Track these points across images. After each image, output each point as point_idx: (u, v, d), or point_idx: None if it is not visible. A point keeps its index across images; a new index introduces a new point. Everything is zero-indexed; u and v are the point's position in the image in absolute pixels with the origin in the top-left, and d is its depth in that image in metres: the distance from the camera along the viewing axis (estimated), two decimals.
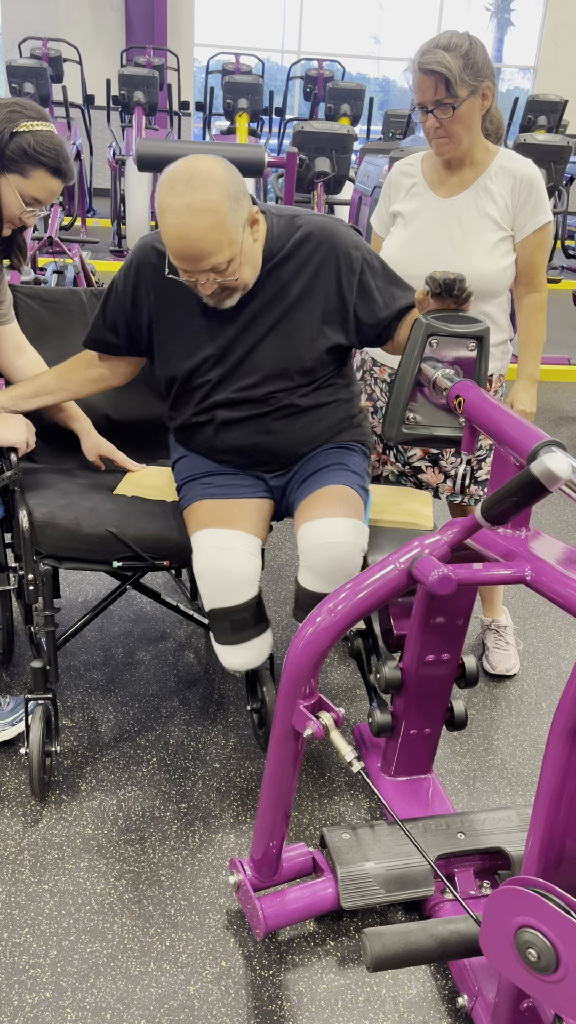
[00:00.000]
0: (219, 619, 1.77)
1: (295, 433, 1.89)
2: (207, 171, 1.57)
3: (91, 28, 9.93)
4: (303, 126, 4.75)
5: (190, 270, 1.62)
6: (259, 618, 1.80)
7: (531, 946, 1.07)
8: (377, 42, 12.37)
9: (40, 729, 1.84)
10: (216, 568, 1.73)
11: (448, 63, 1.85)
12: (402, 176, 2.12)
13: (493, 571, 1.28)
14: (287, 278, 1.78)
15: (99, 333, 1.90)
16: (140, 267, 1.80)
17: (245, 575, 1.74)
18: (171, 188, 1.57)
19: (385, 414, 1.68)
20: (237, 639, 1.79)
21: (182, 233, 1.56)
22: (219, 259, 1.60)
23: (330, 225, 1.80)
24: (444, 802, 1.85)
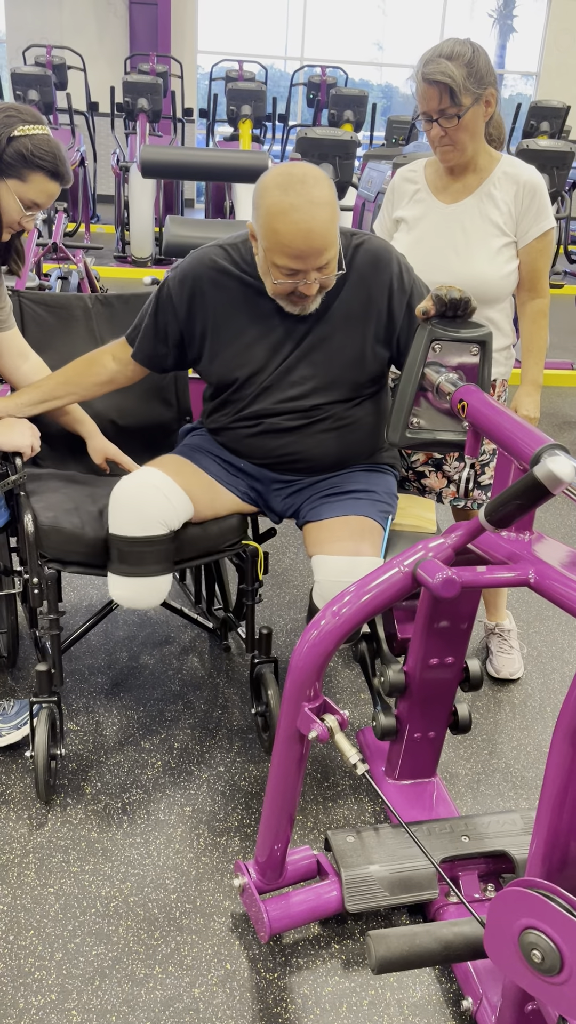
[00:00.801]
0: (113, 545, 1.80)
1: (334, 446, 1.90)
2: (314, 171, 1.64)
3: (95, 35, 9.98)
4: (306, 132, 4.77)
5: (305, 268, 1.65)
6: (155, 560, 1.80)
7: (535, 948, 1.07)
8: (380, 48, 12.41)
9: (45, 732, 1.85)
10: (127, 495, 1.77)
11: (452, 73, 1.86)
12: (405, 182, 2.13)
13: (497, 574, 1.29)
14: (345, 293, 1.81)
15: (151, 346, 1.91)
16: (197, 279, 1.83)
17: (152, 513, 1.77)
18: (287, 188, 1.61)
19: (389, 419, 1.69)
20: (123, 571, 1.80)
21: (309, 227, 1.60)
22: (332, 253, 1.66)
23: (388, 249, 1.84)
24: (448, 805, 1.85)
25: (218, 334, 1.85)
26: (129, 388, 2.22)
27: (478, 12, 11.87)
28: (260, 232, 1.66)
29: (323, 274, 1.68)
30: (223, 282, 1.82)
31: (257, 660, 2.07)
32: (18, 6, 9.83)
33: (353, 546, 1.77)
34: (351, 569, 1.75)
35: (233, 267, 1.82)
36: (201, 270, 1.83)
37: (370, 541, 1.79)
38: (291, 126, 8.50)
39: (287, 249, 1.63)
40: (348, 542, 1.78)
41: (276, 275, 1.68)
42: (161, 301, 1.87)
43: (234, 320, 1.83)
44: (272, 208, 1.62)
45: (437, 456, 2.21)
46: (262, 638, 2.05)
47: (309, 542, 1.86)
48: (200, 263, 1.83)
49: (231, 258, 1.83)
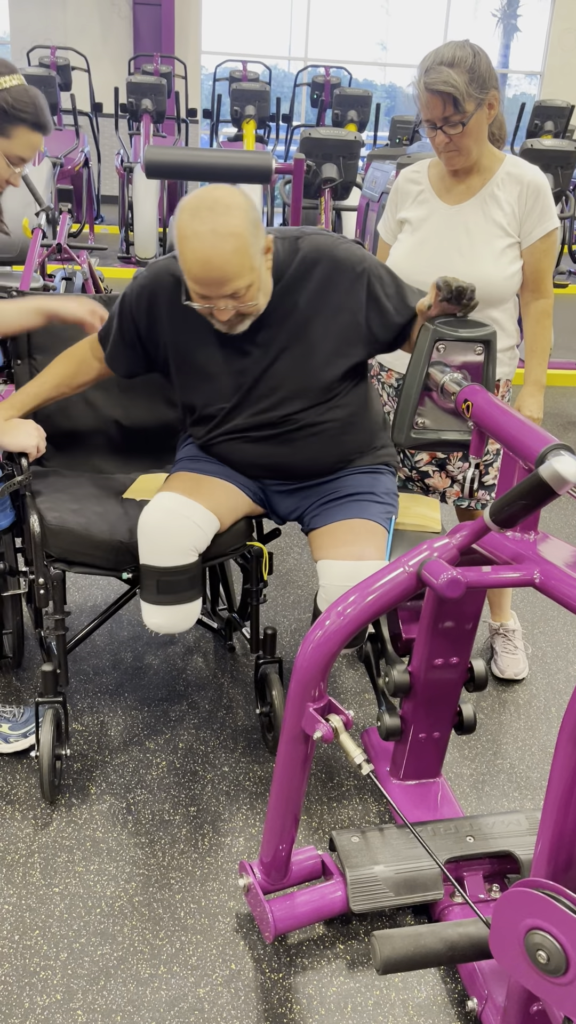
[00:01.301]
0: (147, 576, 1.79)
1: (312, 451, 1.89)
2: (228, 198, 1.60)
3: (99, 37, 9.99)
4: (310, 132, 4.77)
5: (210, 295, 1.63)
6: (189, 586, 1.81)
7: (541, 948, 1.07)
8: (384, 48, 12.41)
9: (50, 733, 1.85)
10: (158, 527, 1.76)
11: (455, 81, 1.85)
12: (409, 183, 2.13)
13: (502, 574, 1.29)
14: (296, 299, 1.79)
15: (120, 352, 1.90)
16: (156, 291, 1.81)
17: (185, 543, 1.76)
18: (194, 214, 1.59)
19: (394, 419, 1.69)
20: (159, 600, 1.80)
21: (207, 256, 1.57)
22: (240, 284, 1.61)
23: (331, 243, 1.79)
24: (453, 806, 1.85)
25: (178, 349, 1.83)
26: (133, 389, 2.23)
27: (482, 12, 11.86)
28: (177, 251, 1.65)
29: (237, 301, 1.65)
30: (179, 296, 1.79)
31: (261, 660, 2.07)
32: (22, 7, 9.85)
33: (357, 550, 1.77)
34: (355, 573, 1.75)
35: None
36: (159, 284, 1.80)
37: (374, 544, 1.79)
38: (295, 126, 8.49)
39: (190, 273, 1.61)
40: (352, 546, 1.78)
41: (192, 296, 1.67)
42: (123, 314, 1.85)
43: (192, 337, 1.81)
44: (180, 232, 1.60)
45: (441, 456, 2.21)
46: (266, 638, 2.05)
47: (314, 548, 1.86)
48: (157, 276, 1.80)
49: None
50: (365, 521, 1.83)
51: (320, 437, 1.88)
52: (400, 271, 2.08)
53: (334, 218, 6.07)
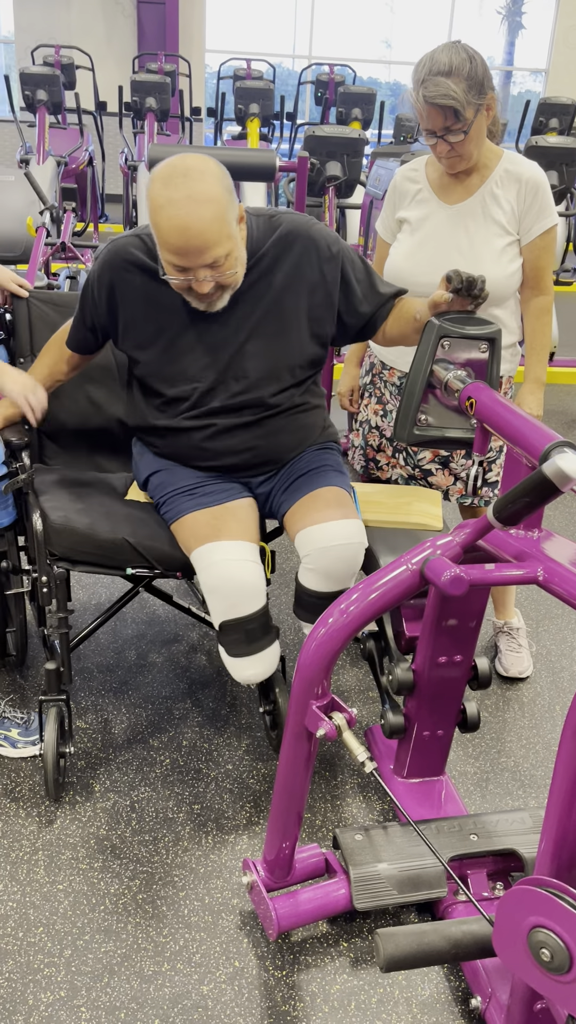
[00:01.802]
0: (233, 631, 1.76)
1: (287, 436, 1.90)
2: (201, 165, 1.57)
3: (103, 35, 9.99)
4: (314, 130, 4.76)
5: (189, 265, 1.59)
6: (270, 626, 1.80)
7: (544, 946, 1.07)
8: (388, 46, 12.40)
9: (54, 731, 1.85)
10: (229, 580, 1.72)
11: (454, 93, 1.82)
12: (407, 182, 2.12)
13: (505, 572, 1.28)
14: (270, 277, 1.77)
15: (80, 334, 1.89)
16: (115, 270, 1.77)
17: (256, 584, 1.74)
18: (168, 182, 1.55)
19: (397, 416, 1.69)
20: (251, 650, 1.78)
21: (185, 224, 1.53)
22: (219, 251, 1.58)
23: (307, 222, 1.79)
24: (457, 804, 1.85)
25: (140, 329, 1.80)
26: None
27: (487, 9, 11.84)
28: (151, 225, 1.61)
29: (216, 271, 1.61)
30: (139, 275, 1.76)
31: None
32: (27, 6, 9.85)
33: (336, 512, 1.77)
34: (343, 532, 1.75)
35: (150, 258, 1.75)
36: (117, 262, 1.76)
37: (348, 506, 1.81)
38: (299, 124, 8.48)
39: (166, 244, 1.58)
40: (328, 510, 1.78)
41: (168, 270, 1.63)
42: (85, 294, 1.83)
43: (157, 314, 1.77)
44: (153, 202, 1.56)
45: (444, 454, 2.21)
46: None
47: (289, 526, 1.86)
48: (116, 255, 1.77)
49: (147, 248, 1.75)
50: (333, 488, 1.84)
51: (295, 421, 1.89)
52: (400, 271, 2.08)
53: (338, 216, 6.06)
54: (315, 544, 1.76)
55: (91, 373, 2.20)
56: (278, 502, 1.92)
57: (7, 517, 1.96)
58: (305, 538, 1.78)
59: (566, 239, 5.80)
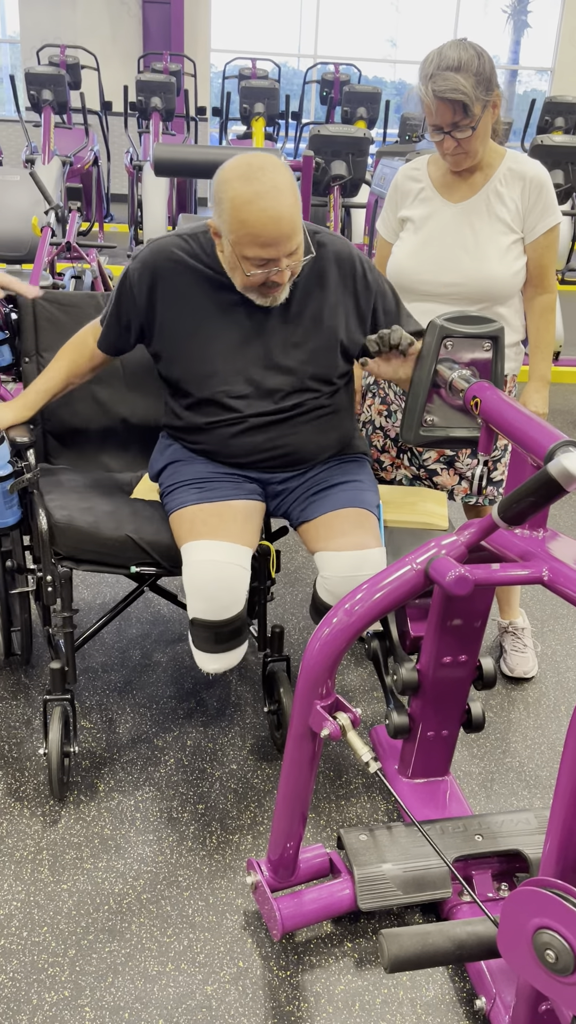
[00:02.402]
0: (203, 629, 1.76)
1: (316, 435, 1.90)
2: (271, 159, 1.64)
3: (109, 35, 9.99)
4: (319, 130, 4.76)
5: (275, 256, 1.64)
6: (242, 628, 1.80)
7: (549, 947, 1.07)
8: (393, 45, 12.37)
9: (59, 730, 1.85)
10: (212, 582, 1.72)
11: (464, 88, 1.84)
12: (409, 181, 2.11)
13: (510, 571, 1.28)
14: (309, 289, 1.81)
15: (115, 336, 1.90)
16: (158, 269, 1.80)
17: (237, 591, 1.74)
18: (248, 177, 1.60)
19: (403, 417, 1.68)
20: (217, 649, 1.79)
21: (276, 214, 1.59)
22: (298, 239, 1.65)
23: (348, 246, 1.86)
24: (461, 804, 1.84)
25: (180, 327, 1.82)
26: (141, 387, 2.22)
27: (492, 8, 11.81)
28: (226, 226, 1.64)
29: (292, 260, 1.68)
30: (184, 274, 1.80)
31: (269, 658, 2.06)
32: (32, 6, 9.86)
33: (357, 540, 1.77)
34: (359, 563, 1.75)
35: (193, 259, 1.79)
36: (161, 261, 1.80)
37: (371, 532, 1.80)
38: (304, 123, 8.47)
39: (257, 238, 1.61)
40: (350, 536, 1.78)
41: (247, 267, 1.66)
42: (123, 291, 1.84)
43: (195, 314, 1.81)
44: (237, 199, 1.60)
45: (449, 453, 2.20)
46: (274, 636, 2.05)
47: (309, 540, 1.86)
48: (160, 253, 1.80)
49: (191, 250, 1.80)
50: (358, 510, 1.84)
51: (323, 420, 1.90)
52: (404, 270, 2.08)
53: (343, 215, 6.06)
54: (334, 571, 1.77)
55: (97, 374, 2.20)
56: (299, 506, 1.92)
57: (12, 516, 1.96)
58: (324, 561, 1.79)
59: (571, 238, 5.78)
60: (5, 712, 2.17)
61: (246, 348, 1.82)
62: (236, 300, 1.79)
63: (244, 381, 1.84)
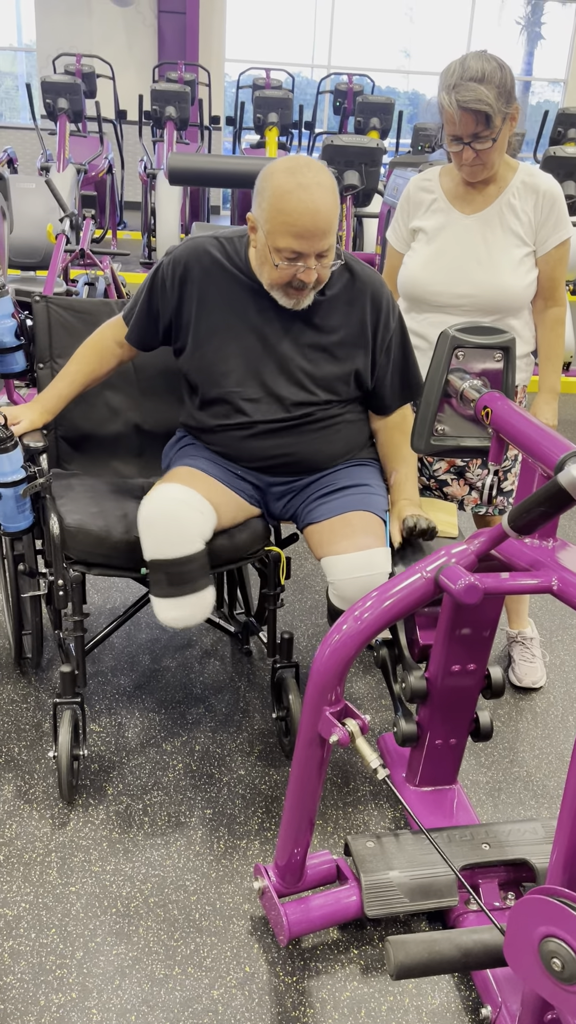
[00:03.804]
0: (156, 570, 1.77)
1: (324, 445, 1.92)
2: (320, 164, 1.70)
3: (124, 44, 10.07)
4: (332, 140, 4.79)
5: (307, 251, 1.68)
6: (201, 574, 1.79)
7: (556, 956, 1.07)
8: (407, 56, 12.42)
9: (68, 733, 1.86)
10: (161, 517, 1.74)
11: (487, 99, 1.84)
12: (421, 192, 2.12)
13: (520, 581, 1.29)
14: (336, 308, 1.85)
15: (144, 328, 1.93)
16: (190, 266, 1.84)
17: (190, 530, 1.75)
18: (294, 171, 1.66)
19: (413, 427, 1.70)
20: (172, 592, 1.77)
21: (317, 207, 1.64)
22: (332, 240, 1.70)
23: (380, 283, 1.90)
24: (469, 813, 1.85)
25: (203, 324, 1.86)
26: (153, 393, 2.24)
27: (506, 19, 11.85)
28: (264, 215, 1.69)
29: (321, 263, 1.71)
30: (215, 274, 1.84)
31: (278, 665, 2.07)
32: (48, 15, 9.95)
33: (361, 541, 1.79)
34: (365, 563, 1.77)
35: (227, 261, 1.84)
36: (194, 258, 1.84)
37: (374, 534, 1.82)
38: (317, 133, 8.51)
39: (293, 228, 1.65)
40: (354, 538, 1.80)
41: (277, 259, 1.70)
42: (155, 284, 1.88)
43: (220, 313, 1.85)
44: (279, 189, 1.65)
45: (460, 463, 2.21)
46: (283, 642, 2.06)
47: (314, 544, 1.88)
48: (194, 251, 1.85)
49: (225, 252, 1.85)
50: (363, 513, 1.86)
51: (331, 430, 1.92)
52: (417, 281, 2.09)
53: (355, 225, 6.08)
54: (339, 574, 1.79)
55: (110, 379, 2.22)
56: (306, 508, 1.94)
57: (25, 521, 1.98)
58: (330, 565, 1.81)
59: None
60: (15, 715, 2.18)
61: (264, 353, 1.85)
62: (262, 306, 1.83)
63: (257, 385, 1.86)
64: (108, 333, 1.98)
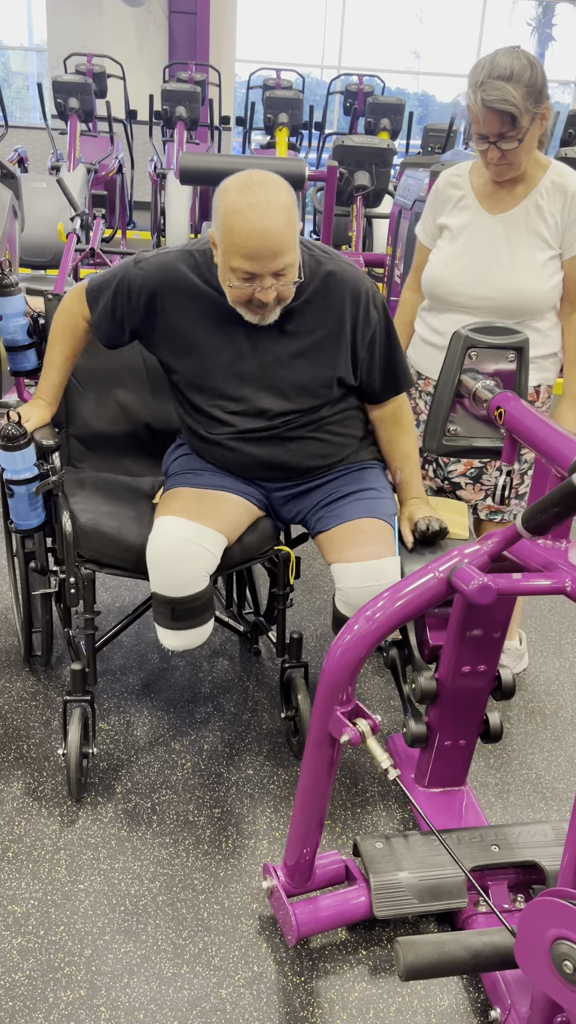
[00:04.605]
0: (162, 604, 1.79)
1: (311, 447, 1.92)
2: (273, 177, 1.65)
3: (135, 45, 10.09)
4: (343, 140, 4.79)
5: (259, 271, 1.64)
6: (203, 609, 1.81)
7: (567, 958, 1.07)
8: (417, 57, 12.41)
9: (77, 731, 1.87)
10: (169, 557, 1.74)
11: (514, 99, 1.79)
12: (450, 187, 2.09)
13: (533, 581, 1.28)
14: (311, 311, 1.82)
15: (107, 326, 1.89)
16: (159, 280, 1.80)
17: (198, 571, 1.76)
18: (244, 189, 1.61)
19: (426, 427, 1.69)
20: (176, 626, 1.80)
21: (265, 228, 1.60)
22: (289, 259, 1.65)
23: (359, 276, 1.85)
24: (478, 814, 1.84)
25: (177, 341, 1.84)
26: (165, 393, 2.24)
27: (517, 21, 11.84)
28: (218, 234, 1.66)
29: (280, 281, 1.67)
30: (185, 292, 1.80)
31: (287, 664, 2.07)
32: (60, 15, 9.98)
33: (370, 550, 1.79)
34: (373, 573, 1.77)
35: (197, 276, 1.80)
36: (163, 274, 1.80)
37: (384, 542, 1.81)
38: (327, 134, 8.51)
39: (242, 249, 1.62)
40: (364, 547, 1.79)
41: (232, 279, 1.67)
42: (119, 292, 1.83)
43: (193, 329, 1.82)
44: (229, 208, 1.61)
45: (477, 464, 2.19)
46: (292, 643, 2.06)
47: (325, 551, 1.88)
48: (163, 269, 1.80)
49: (196, 266, 1.80)
50: (372, 520, 1.85)
51: (321, 432, 1.91)
52: (439, 279, 2.07)
53: (365, 225, 6.08)
54: (349, 581, 1.79)
55: (121, 378, 2.22)
56: (315, 515, 1.94)
57: (37, 518, 1.98)
58: (339, 572, 1.81)
59: None
60: (25, 712, 2.18)
61: (240, 366, 1.83)
62: (235, 319, 1.79)
63: (237, 399, 1.86)
64: (76, 311, 1.93)
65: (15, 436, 1.82)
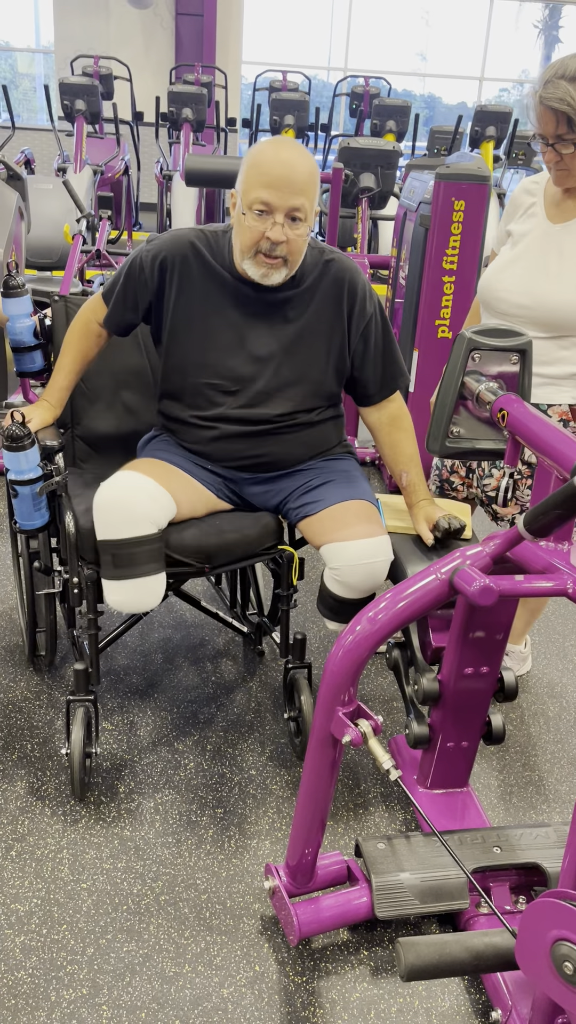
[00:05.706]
0: (104, 551, 1.78)
1: (293, 448, 1.96)
2: (299, 144, 1.74)
3: (141, 47, 10.12)
4: (348, 142, 4.79)
5: (277, 204, 1.69)
6: (148, 559, 1.78)
7: (568, 959, 1.07)
8: (423, 59, 12.42)
9: (81, 731, 1.87)
10: (113, 499, 1.76)
11: (571, 99, 1.73)
12: (524, 194, 2.04)
13: (535, 583, 1.29)
14: (311, 298, 1.86)
15: (119, 315, 1.93)
16: (171, 252, 1.85)
17: (139, 513, 1.76)
18: (276, 141, 1.72)
19: (429, 428, 1.70)
20: (116, 575, 1.78)
21: (291, 159, 1.68)
22: (306, 200, 1.71)
23: (355, 269, 1.90)
24: (480, 816, 1.84)
25: (181, 314, 1.87)
26: None
27: (523, 23, 11.83)
28: (241, 181, 1.72)
29: (294, 227, 1.72)
30: (196, 264, 1.85)
31: (291, 665, 2.08)
32: (67, 17, 10.01)
33: (364, 529, 1.81)
34: (371, 551, 1.79)
35: (208, 253, 1.85)
36: (176, 248, 1.85)
37: (375, 522, 1.84)
38: (333, 136, 8.52)
39: (265, 177, 1.68)
40: (358, 526, 1.82)
41: (248, 217, 1.72)
42: (131, 272, 1.88)
43: (199, 303, 1.86)
44: (257, 153, 1.71)
45: (477, 470, 2.19)
46: (296, 643, 2.06)
47: (314, 534, 1.88)
48: (176, 241, 1.86)
49: (208, 244, 1.86)
50: (360, 501, 1.88)
51: (300, 434, 1.95)
52: (490, 284, 2.02)
53: (371, 227, 6.08)
54: (344, 560, 1.80)
55: (126, 379, 2.23)
56: (295, 503, 1.96)
57: (41, 519, 1.99)
58: (333, 552, 1.82)
59: None
60: (28, 712, 2.19)
61: (241, 349, 1.87)
62: (241, 302, 1.84)
63: (231, 378, 1.88)
64: (91, 316, 1.97)
65: (19, 437, 1.83)
